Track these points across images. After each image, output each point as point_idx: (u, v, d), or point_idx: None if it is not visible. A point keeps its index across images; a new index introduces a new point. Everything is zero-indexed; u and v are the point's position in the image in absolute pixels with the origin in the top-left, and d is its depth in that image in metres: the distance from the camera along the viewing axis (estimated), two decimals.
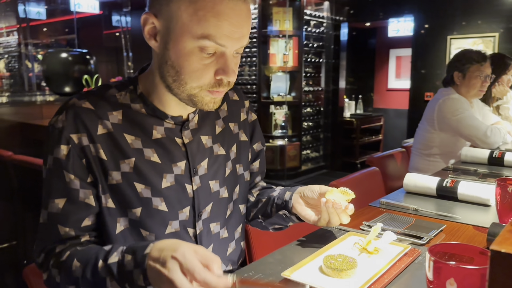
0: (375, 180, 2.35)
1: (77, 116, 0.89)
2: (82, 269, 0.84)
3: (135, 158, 0.91)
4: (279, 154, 5.53)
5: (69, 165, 0.88)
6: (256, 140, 1.18)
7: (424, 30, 5.25)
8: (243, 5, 0.83)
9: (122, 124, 0.92)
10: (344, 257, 0.89)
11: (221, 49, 0.84)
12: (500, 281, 0.50)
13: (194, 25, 0.81)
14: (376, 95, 7.18)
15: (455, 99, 2.41)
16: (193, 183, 0.98)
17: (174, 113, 0.96)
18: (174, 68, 0.86)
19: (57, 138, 0.88)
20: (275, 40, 5.51)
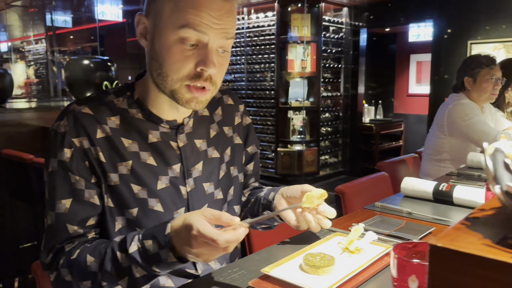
0: (383, 185, 2.36)
1: (78, 121, 0.93)
2: (98, 263, 0.87)
3: (132, 161, 0.96)
4: (296, 159, 5.55)
5: (73, 166, 0.93)
6: (250, 143, 1.22)
7: (444, 35, 5.20)
8: (223, 2, 0.88)
9: (119, 128, 0.96)
10: (323, 255, 0.92)
11: (202, 39, 0.87)
12: (438, 274, 0.53)
13: (175, 16, 0.86)
14: (397, 101, 7.12)
15: (465, 104, 2.40)
16: (187, 185, 1.02)
17: (169, 117, 1.01)
18: (158, 61, 0.91)
19: (60, 142, 0.93)
20: (293, 46, 5.55)
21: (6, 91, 3.62)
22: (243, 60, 6.02)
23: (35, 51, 8.35)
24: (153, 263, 0.83)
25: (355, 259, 0.96)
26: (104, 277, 0.87)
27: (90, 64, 4.36)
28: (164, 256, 0.82)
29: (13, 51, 8.63)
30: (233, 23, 0.91)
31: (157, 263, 0.83)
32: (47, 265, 0.96)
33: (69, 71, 4.38)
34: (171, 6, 0.87)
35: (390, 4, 5.82)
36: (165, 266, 0.83)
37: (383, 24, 6.21)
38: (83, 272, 0.89)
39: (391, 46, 7.03)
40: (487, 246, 0.52)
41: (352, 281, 0.87)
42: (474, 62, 2.42)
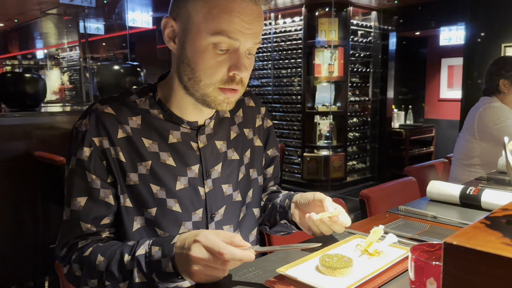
0: (410, 190, 2.30)
1: (99, 121, 0.95)
2: (106, 263, 0.89)
3: (151, 161, 0.97)
4: (323, 164, 5.50)
5: (91, 166, 0.94)
6: (270, 146, 1.22)
7: (477, 38, 5.06)
8: (254, 6, 0.89)
9: (140, 128, 0.97)
10: (340, 257, 0.90)
11: (234, 45, 0.89)
12: (452, 273, 0.51)
13: (209, 22, 0.87)
14: (427, 106, 6.96)
15: (496, 108, 2.32)
16: (205, 186, 1.02)
17: (190, 118, 1.01)
18: (189, 66, 0.91)
19: (80, 141, 0.94)
20: (321, 51, 5.52)
21: (40, 96, 3.74)
22: (269, 65, 6.03)
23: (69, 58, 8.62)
24: (153, 270, 0.85)
25: (373, 261, 0.94)
26: (108, 277, 0.89)
27: (120, 70, 4.47)
28: (164, 265, 0.83)
29: (49, 58, 8.93)
30: (262, 27, 0.93)
31: (157, 272, 0.84)
32: (61, 258, 0.99)
33: (100, 76, 4.49)
34: (205, 12, 0.87)
35: (420, 7, 5.72)
36: (163, 276, 0.84)
37: (413, 27, 6.10)
38: (92, 270, 0.91)
39: (421, 50, 6.89)
40: (506, 245, 0.49)
41: (369, 283, 0.85)
42: (509, 63, 2.34)
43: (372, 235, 0.96)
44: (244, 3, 0.87)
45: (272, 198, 1.21)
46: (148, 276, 0.85)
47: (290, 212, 1.10)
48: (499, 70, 2.39)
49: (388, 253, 0.97)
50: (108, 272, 0.89)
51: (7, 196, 3.28)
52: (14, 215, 3.33)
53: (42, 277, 3.30)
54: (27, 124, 3.46)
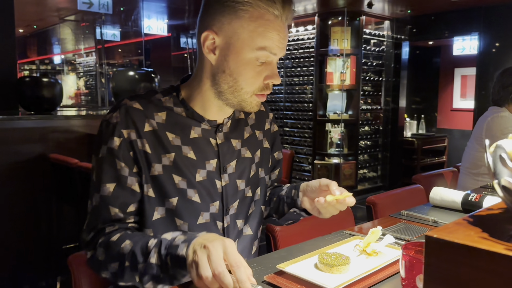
0: (417, 197, 2.31)
1: (128, 115, 1.03)
2: (131, 246, 0.94)
3: (174, 153, 1.05)
4: (333, 172, 5.51)
5: (120, 154, 1.01)
6: (276, 149, 1.31)
7: (490, 48, 5.05)
8: (286, 24, 1.04)
9: (165, 123, 1.06)
10: (338, 255, 0.94)
11: (271, 58, 1.02)
12: (433, 264, 0.54)
13: (254, 39, 0.99)
14: (440, 115, 6.93)
15: (504, 117, 2.33)
16: (222, 179, 1.11)
17: (211, 117, 1.11)
18: (232, 76, 1.02)
19: (111, 131, 1.01)
20: (333, 59, 5.56)
21: (56, 99, 3.84)
22: (282, 73, 6.08)
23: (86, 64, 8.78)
24: (169, 253, 0.88)
25: (370, 260, 0.97)
26: (129, 258, 0.93)
27: (135, 76, 4.55)
28: (180, 249, 0.87)
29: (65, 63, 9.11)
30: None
31: (171, 256, 0.87)
32: (87, 243, 1.03)
33: (115, 81, 4.59)
34: (250, 29, 0.99)
35: (433, 17, 5.73)
36: (175, 262, 0.87)
37: (427, 37, 6.10)
38: (115, 254, 0.95)
39: (434, 60, 6.87)
40: (482, 239, 0.53)
41: (365, 281, 0.88)
42: None
43: (370, 235, 1.00)
44: (281, 22, 1.01)
45: (276, 192, 1.29)
46: (163, 258, 0.89)
47: (299, 200, 1.17)
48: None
49: (385, 253, 1.00)
50: (130, 253, 0.93)
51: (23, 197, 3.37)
52: (29, 215, 3.41)
53: (54, 277, 3.36)
54: (44, 127, 3.55)
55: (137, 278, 0.93)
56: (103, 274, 1.00)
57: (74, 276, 1.26)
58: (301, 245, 1.12)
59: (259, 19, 0.98)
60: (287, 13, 1.01)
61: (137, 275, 0.92)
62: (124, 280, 0.95)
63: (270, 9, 0.98)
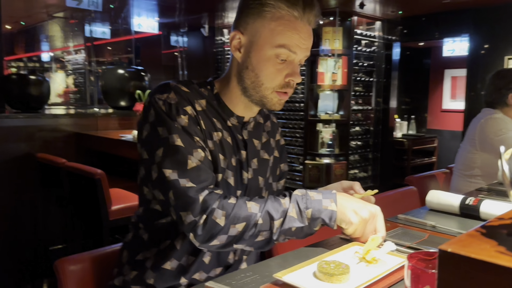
0: (411, 199, 2.30)
1: (182, 94, 1.07)
2: (260, 206, 1.00)
3: (221, 134, 1.11)
4: (325, 172, 5.49)
5: (192, 130, 1.04)
6: (283, 161, 1.35)
7: (480, 50, 5.07)
8: (308, 27, 1.09)
9: (206, 109, 1.12)
10: (337, 263, 0.90)
11: (291, 56, 1.07)
12: (446, 280, 0.51)
13: (274, 37, 1.05)
14: (430, 116, 6.96)
15: (498, 119, 2.32)
16: (248, 172, 1.16)
17: (239, 114, 1.17)
18: (254, 72, 1.09)
19: (175, 111, 1.04)
20: (324, 59, 5.53)
21: (44, 98, 3.76)
22: None
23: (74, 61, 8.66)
24: (310, 206, 1.01)
25: (371, 269, 0.94)
26: (262, 216, 0.99)
27: (125, 74, 4.49)
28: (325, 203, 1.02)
29: (54, 61, 8.97)
30: (311, 43, 1.11)
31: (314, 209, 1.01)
32: (202, 203, 0.98)
33: (104, 80, 4.51)
34: (271, 28, 1.05)
35: (424, 18, 5.74)
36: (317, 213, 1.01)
37: (417, 38, 6.12)
38: (242, 214, 0.98)
39: (425, 61, 6.90)
40: (500, 253, 0.50)
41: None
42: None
43: (370, 242, 0.97)
44: (302, 23, 1.07)
45: None
46: (303, 212, 1.00)
47: None
48: (509, 83, 2.37)
49: (386, 261, 0.97)
50: (263, 212, 0.99)
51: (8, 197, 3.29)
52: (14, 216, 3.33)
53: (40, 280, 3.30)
54: (30, 126, 3.48)
55: (264, 236, 0.99)
56: (214, 241, 0.98)
57: (61, 282, 1.22)
58: (297, 251, 1.09)
59: (280, 19, 1.05)
60: (308, 16, 1.07)
61: (265, 232, 0.99)
62: (244, 241, 0.99)
63: (291, 10, 1.05)
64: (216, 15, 6.13)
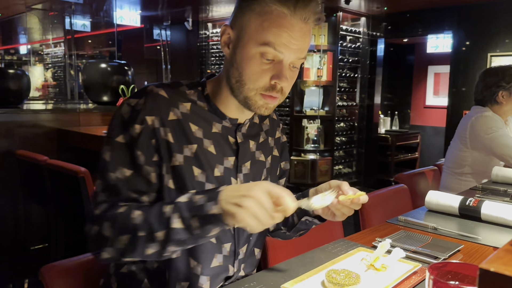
0: (402, 197, 2.29)
1: (154, 101, 0.99)
2: (144, 216, 0.90)
3: (196, 145, 1.02)
4: (310, 168, 5.48)
5: (139, 142, 0.96)
6: (283, 159, 1.29)
7: (463, 47, 5.11)
8: (303, 24, 0.96)
9: (189, 114, 1.03)
10: (347, 272, 0.87)
11: (279, 56, 0.96)
12: None
13: (259, 33, 0.95)
14: (413, 112, 7.02)
15: (488, 117, 2.33)
16: (238, 179, 1.08)
17: (232, 116, 1.08)
18: (238, 70, 0.99)
19: (133, 118, 0.97)
20: (310, 55, 5.51)
21: (23, 92, 3.64)
22: None
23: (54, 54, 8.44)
24: (195, 215, 0.86)
25: (381, 277, 0.91)
26: (144, 227, 0.89)
27: (107, 68, 4.38)
28: (207, 208, 0.85)
29: (32, 54, 8.73)
30: (308, 44, 0.99)
31: (199, 217, 0.86)
32: (95, 217, 0.96)
33: (86, 74, 4.40)
34: (257, 23, 0.96)
35: (408, 14, 5.76)
36: (203, 221, 0.86)
37: (401, 34, 6.14)
38: (126, 225, 0.90)
39: (408, 57, 6.95)
40: None
41: None
42: (508, 74, 2.34)
43: (379, 249, 0.93)
44: (294, 20, 0.95)
45: None
46: (187, 221, 0.87)
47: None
48: (499, 81, 2.37)
49: (395, 268, 0.94)
50: (144, 222, 0.89)
51: None
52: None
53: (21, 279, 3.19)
54: (9, 122, 3.36)
55: (154, 248, 0.89)
56: (104, 254, 0.93)
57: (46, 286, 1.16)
58: (301, 257, 1.05)
59: (267, 14, 0.94)
60: (302, 12, 0.94)
61: (153, 244, 0.89)
62: (134, 253, 0.90)
63: (279, 6, 0.94)
64: (200, 8, 6.03)
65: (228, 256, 1.06)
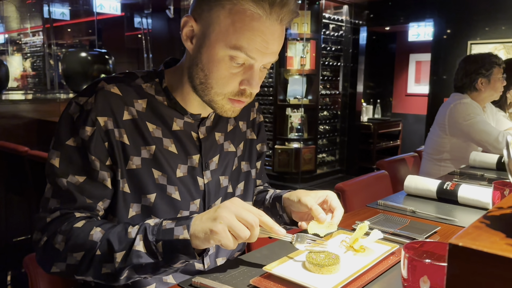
0: (383, 183, 2.33)
1: (106, 100, 0.91)
2: (103, 234, 0.84)
3: (155, 146, 0.95)
4: (294, 157, 5.52)
5: (92, 146, 0.90)
6: (259, 141, 1.22)
7: (444, 35, 5.17)
8: (278, 26, 0.88)
9: (145, 112, 0.95)
10: (327, 253, 0.89)
11: (250, 61, 0.88)
12: (457, 275, 0.50)
13: (230, 35, 0.86)
14: (395, 100, 7.10)
15: (466, 104, 2.37)
16: (204, 177, 1.02)
17: (194, 111, 1.01)
18: (203, 71, 0.91)
19: (83, 119, 0.90)
20: (293, 43, 5.51)
21: (2, 83, 3.57)
22: None
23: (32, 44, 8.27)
24: (160, 238, 0.81)
25: (360, 258, 0.93)
26: (101, 247, 0.83)
27: (88, 57, 4.32)
28: (177, 232, 0.81)
29: (10, 43, 8.53)
30: (281, 46, 0.92)
31: (164, 241, 0.81)
32: (45, 225, 0.90)
33: (66, 63, 4.33)
34: (228, 23, 0.86)
35: (390, 2, 5.79)
36: (170, 247, 0.81)
37: (383, 22, 6.18)
38: (81, 242, 0.85)
39: (390, 45, 7.00)
40: (511, 246, 0.49)
41: (358, 280, 0.84)
42: (488, 62, 2.38)
43: (358, 231, 0.96)
44: (269, 22, 0.86)
45: (260, 201, 1.19)
46: (151, 245, 0.81)
47: (287, 215, 1.10)
48: (479, 68, 2.41)
49: (373, 249, 0.96)
50: (103, 241, 0.83)
51: None
52: None
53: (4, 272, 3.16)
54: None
55: (110, 268, 0.83)
56: (53, 268, 0.87)
57: (31, 278, 1.15)
58: (282, 242, 1.06)
59: (240, 14, 0.85)
60: (279, 13, 0.85)
61: (110, 264, 0.83)
62: (86, 273, 0.85)
63: (254, 6, 0.84)
64: None
65: None
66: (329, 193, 1.02)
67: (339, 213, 0.98)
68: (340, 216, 0.98)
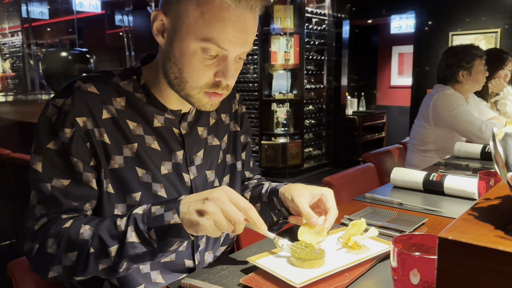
0: (369, 176, 2.34)
1: (83, 100, 0.89)
2: (93, 231, 0.84)
3: (137, 144, 0.94)
4: (281, 152, 5.52)
5: (73, 148, 0.88)
6: (242, 133, 1.21)
7: (426, 26, 5.22)
8: (249, 14, 0.86)
9: (125, 110, 0.94)
10: (311, 247, 0.88)
11: (223, 52, 0.87)
12: (447, 268, 0.50)
13: (200, 27, 0.84)
14: (379, 93, 7.15)
15: (449, 95, 2.40)
16: (190, 172, 1.01)
17: (174, 107, 1.00)
18: (177, 66, 0.89)
19: (62, 121, 0.88)
20: (277, 38, 5.50)
21: None
22: None
23: (11, 44, 8.09)
24: (152, 226, 0.81)
25: (350, 255, 0.92)
26: (94, 244, 0.82)
27: (68, 56, 4.26)
28: (167, 217, 0.80)
29: None
30: (254, 34, 0.90)
31: (156, 228, 0.81)
32: (33, 234, 0.88)
33: (46, 63, 4.26)
34: (197, 15, 0.84)
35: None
36: (163, 232, 0.81)
37: (366, 15, 6.21)
38: (73, 241, 0.84)
39: (373, 38, 7.04)
40: (500, 238, 0.49)
41: (345, 276, 0.84)
42: (469, 55, 2.40)
43: (351, 228, 0.95)
44: (239, 10, 0.84)
45: (255, 198, 1.15)
46: (144, 234, 0.81)
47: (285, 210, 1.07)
48: (460, 61, 2.43)
49: (369, 247, 0.95)
50: (95, 238, 0.82)
51: None
52: None
53: None
54: None
55: (107, 263, 0.82)
56: (51, 273, 0.86)
57: (16, 285, 1.13)
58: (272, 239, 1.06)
59: (208, 4, 0.83)
60: (247, 1, 0.83)
61: (105, 260, 0.82)
62: (85, 272, 0.84)
63: None
64: None
65: (184, 251, 1.00)
66: (325, 191, 1.00)
67: (331, 217, 0.97)
68: (332, 220, 0.97)
